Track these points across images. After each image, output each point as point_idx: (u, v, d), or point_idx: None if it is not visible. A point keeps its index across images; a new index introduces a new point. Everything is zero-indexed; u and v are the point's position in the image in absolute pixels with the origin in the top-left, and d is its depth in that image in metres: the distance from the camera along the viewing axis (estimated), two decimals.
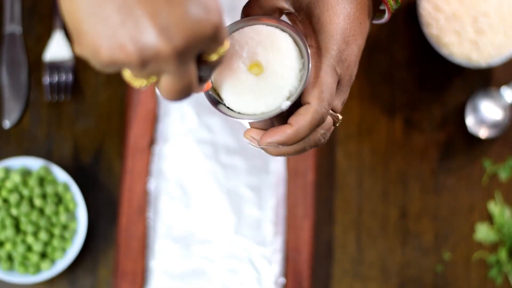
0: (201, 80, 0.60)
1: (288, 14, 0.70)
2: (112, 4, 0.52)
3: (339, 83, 0.68)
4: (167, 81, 0.56)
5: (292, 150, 0.69)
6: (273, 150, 0.69)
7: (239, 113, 0.67)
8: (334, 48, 0.67)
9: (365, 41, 0.70)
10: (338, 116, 0.70)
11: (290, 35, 0.67)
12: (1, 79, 1.15)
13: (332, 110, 0.69)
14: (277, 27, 0.67)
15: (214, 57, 0.57)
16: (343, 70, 0.68)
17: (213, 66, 0.58)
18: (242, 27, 0.67)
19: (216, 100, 0.67)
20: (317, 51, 0.67)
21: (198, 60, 0.58)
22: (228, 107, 0.67)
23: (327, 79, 0.66)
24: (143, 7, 0.52)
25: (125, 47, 0.52)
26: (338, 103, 0.69)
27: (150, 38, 0.52)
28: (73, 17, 0.54)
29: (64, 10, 0.54)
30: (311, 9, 0.68)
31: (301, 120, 0.65)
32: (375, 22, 0.73)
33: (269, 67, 0.66)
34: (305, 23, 0.68)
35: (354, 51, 0.68)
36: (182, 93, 0.57)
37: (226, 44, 0.57)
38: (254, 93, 0.66)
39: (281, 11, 0.69)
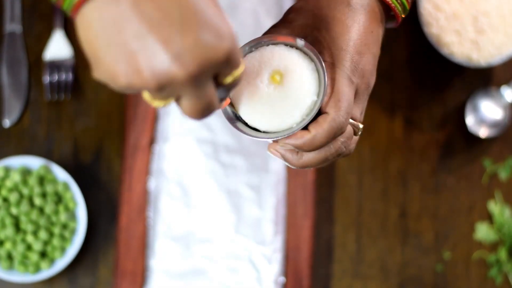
0: (220, 99, 0.62)
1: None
2: (127, 33, 0.54)
3: (356, 92, 0.69)
4: (187, 102, 0.58)
5: (314, 160, 0.70)
6: (296, 161, 0.70)
7: (258, 131, 0.68)
8: (347, 59, 0.68)
9: (380, 47, 0.71)
10: (358, 125, 0.71)
11: (307, 54, 0.68)
12: (1, 78, 1.15)
13: (351, 119, 0.70)
14: (293, 45, 0.68)
15: (229, 80, 0.59)
16: (359, 80, 0.68)
17: (229, 87, 0.60)
18: (261, 46, 0.69)
19: (233, 118, 0.69)
20: (332, 64, 0.68)
21: (215, 81, 0.59)
22: (245, 124, 0.69)
23: (343, 88, 0.67)
24: (157, 34, 0.54)
25: (142, 73, 0.55)
26: (357, 112, 0.70)
27: (165, 64, 0.54)
28: (90, 46, 0.56)
29: (81, 39, 0.57)
30: (321, 25, 0.69)
31: (319, 127, 0.67)
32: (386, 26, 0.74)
33: (287, 85, 0.67)
34: (318, 39, 0.69)
35: (369, 60, 0.69)
36: (204, 113, 0.59)
37: (241, 67, 0.59)
38: (273, 110, 0.67)
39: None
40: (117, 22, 0.54)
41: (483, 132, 1.16)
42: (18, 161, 1.11)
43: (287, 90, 0.67)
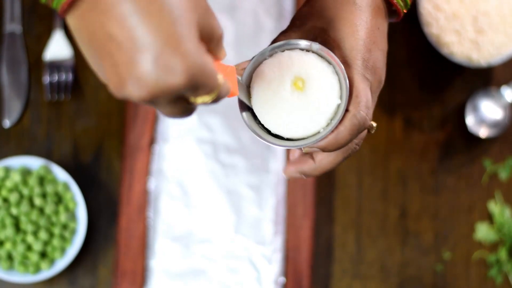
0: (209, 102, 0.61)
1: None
2: (110, 46, 0.56)
3: (370, 89, 0.69)
4: (158, 110, 0.60)
5: (332, 163, 0.71)
6: (313, 170, 0.71)
7: (282, 138, 0.68)
8: (359, 58, 0.69)
9: (387, 42, 0.71)
10: (372, 124, 0.71)
11: (323, 57, 0.68)
12: (1, 78, 1.15)
13: None
14: (308, 49, 0.68)
15: (198, 101, 0.59)
16: (371, 76, 0.69)
17: (206, 105, 0.60)
18: (276, 52, 0.68)
19: (253, 125, 0.69)
20: (344, 64, 0.68)
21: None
22: (266, 130, 0.69)
23: (359, 85, 0.68)
24: (123, 56, 0.56)
25: (109, 85, 0.58)
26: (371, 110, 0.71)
27: (123, 83, 0.56)
28: (82, 50, 0.61)
29: (75, 40, 0.61)
30: (328, 27, 0.70)
31: (340, 126, 0.67)
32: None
33: (310, 90, 0.67)
34: (327, 40, 0.70)
35: (379, 57, 0.70)
36: (179, 116, 0.61)
37: (214, 94, 0.59)
38: (298, 117, 0.67)
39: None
40: (97, 35, 0.56)
41: (483, 132, 1.16)
42: (18, 161, 1.11)
43: (310, 96, 0.67)
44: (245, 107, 0.69)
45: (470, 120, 1.16)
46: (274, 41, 0.70)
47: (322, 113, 0.67)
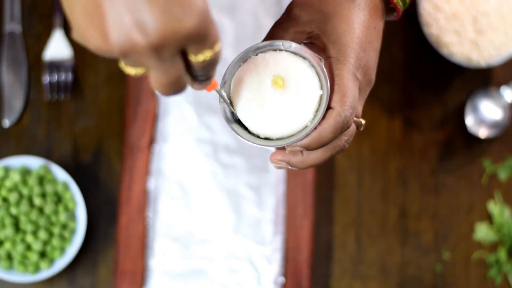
0: (197, 78, 0.60)
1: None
2: (88, 5, 0.54)
3: (359, 88, 0.69)
4: (153, 74, 0.57)
5: (319, 159, 0.70)
6: (301, 163, 0.70)
7: (264, 138, 0.68)
8: (352, 56, 0.69)
9: (380, 43, 0.71)
10: (361, 122, 0.71)
11: (296, 53, 0.68)
12: (1, 78, 1.15)
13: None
14: (281, 49, 0.68)
15: (199, 58, 0.58)
16: (362, 76, 0.69)
17: (202, 67, 0.59)
18: (249, 57, 0.68)
19: (234, 124, 0.69)
20: (337, 60, 0.68)
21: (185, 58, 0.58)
22: (247, 130, 0.69)
23: (349, 84, 0.68)
24: (124, 1, 0.54)
25: (107, 37, 0.55)
26: (359, 109, 0.70)
27: (128, 30, 0.54)
28: (67, 5, 0.56)
29: (64, 6, 0.57)
30: (326, 21, 0.70)
31: (324, 123, 0.67)
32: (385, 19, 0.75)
33: (290, 87, 0.68)
34: (321, 36, 0.70)
35: (372, 57, 0.70)
36: (170, 89, 0.59)
37: (216, 48, 0.58)
38: (284, 115, 0.67)
39: (302, 34, 0.70)
40: None
41: (482, 132, 1.16)
42: (17, 161, 1.11)
43: (292, 91, 0.67)
44: (231, 118, 0.69)
45: (469, 120, 1.16)
46: (269, 31, 0.70)
47: (307, 105, 0.67)
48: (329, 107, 0.67)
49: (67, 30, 1.15)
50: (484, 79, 1.18)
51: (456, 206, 1.17)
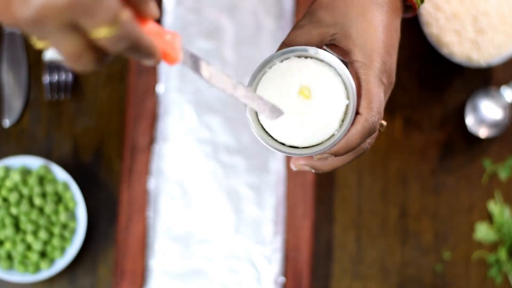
0: (124, 55, 0.57)
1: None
2: None
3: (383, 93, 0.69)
4: (52, 48, 0.55)
5: (343, 161, 0.70)
6: (323, 165, 0.70)
7: (289, 146, 0.68)
8: (378, 61, 0.69)
9: (399, 43, 0.71)
10: (382, 123, 0.71)
11: (323, 60, 0.68)
12: (1, 78, 1.15)
13: None
14: (307, 56, 0.68)
15: (97, 35, 0.54)
16: (386, 79, 0.69)
17: (112, 45, 0.55)
18: (274, 64, 0.68)
19: (260, 132, 0.68)
20: (364, 65, 0.68)
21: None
22: (272, 137, 0.69)
23: (375, 89, 0.68)
24: None
25: (3, 10, 0.53)
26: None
27: (9, 6, 0.52)
28: None
29: None
30: (351, 25, 0.69)
31: (352, 129, 0.67)
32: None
33: (316, 96, 0.67)
34: (345, 39, 0.69)
35: (395, 60, 0.70)
36: (74, 63, 0.56)
37: (117, 23, 0.54)
38: (310, 125, 0.67)
39: (324, 39, 0.70)
40: None
41: (483, 132, 1.16)
42: (18, 161, 1.11)
43: (318, 101, 0.67)
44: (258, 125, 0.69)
45: (470, 120, 1.16)
46: (289, 34, 0.69)
47: (333, 115, 0.67)
48: (356, 113, 0.67)
49: None
50: (484, 79, 1.18)
51: (456, 206, 1.17)
